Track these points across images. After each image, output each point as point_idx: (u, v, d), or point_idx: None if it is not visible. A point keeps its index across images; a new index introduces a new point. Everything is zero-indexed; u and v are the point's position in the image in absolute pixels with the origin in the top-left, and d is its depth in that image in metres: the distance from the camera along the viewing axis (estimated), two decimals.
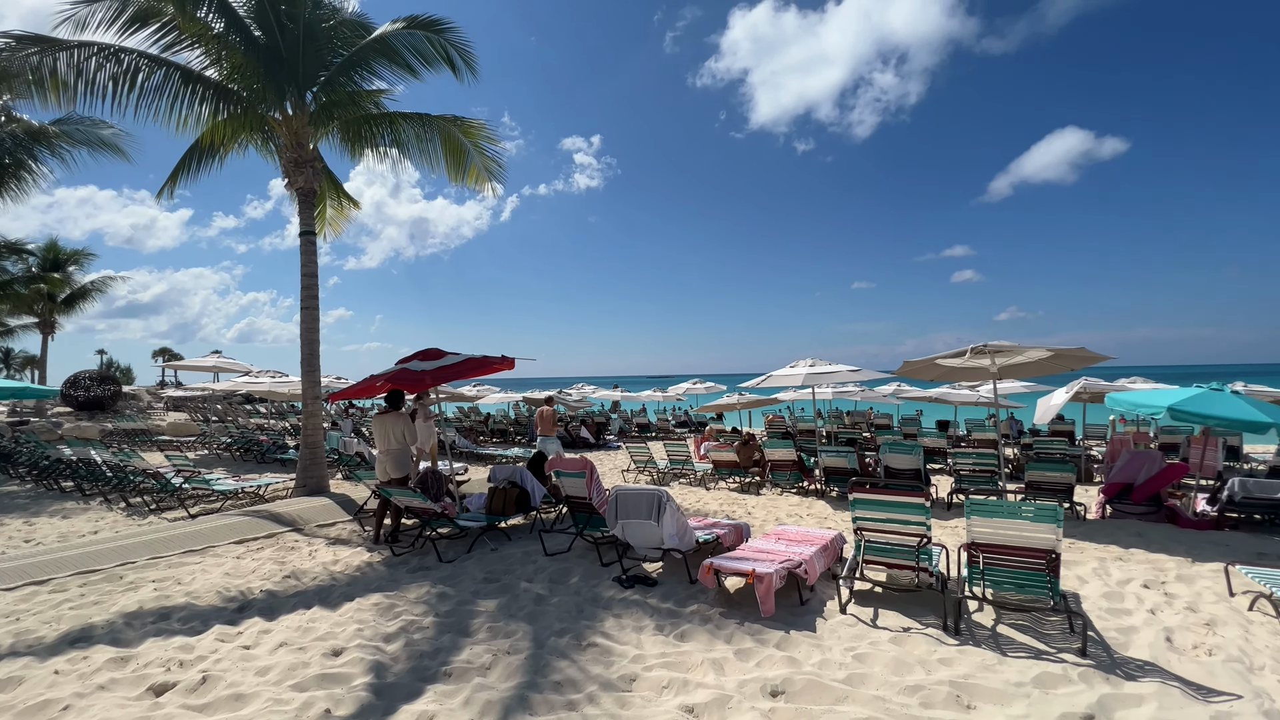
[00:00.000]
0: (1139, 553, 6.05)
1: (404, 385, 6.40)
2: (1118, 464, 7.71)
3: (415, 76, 8.92)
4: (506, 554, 5.94)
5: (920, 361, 7.86)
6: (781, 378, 9.38)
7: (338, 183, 11.22)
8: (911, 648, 3.84)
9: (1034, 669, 3.50)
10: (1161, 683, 3.35)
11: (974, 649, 3.80)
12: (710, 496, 9.40)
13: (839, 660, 3.66)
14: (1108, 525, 7.24)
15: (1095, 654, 3.73)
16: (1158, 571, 5.41)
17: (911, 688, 3.32)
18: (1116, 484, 7.59)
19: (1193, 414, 6.70)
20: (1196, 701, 3.17)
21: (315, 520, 7.36)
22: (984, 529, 4.12)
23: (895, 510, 4.36)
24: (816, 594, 4.80)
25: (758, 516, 7.94)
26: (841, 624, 4.22)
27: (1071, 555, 5.92)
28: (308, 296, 8.86)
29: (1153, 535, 6.72)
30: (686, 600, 4.66)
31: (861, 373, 8.78)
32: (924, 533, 4.29)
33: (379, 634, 4.07)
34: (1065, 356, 7.28)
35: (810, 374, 8.75)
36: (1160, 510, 7.39)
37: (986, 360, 7.49)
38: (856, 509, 4.52)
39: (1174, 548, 6.20)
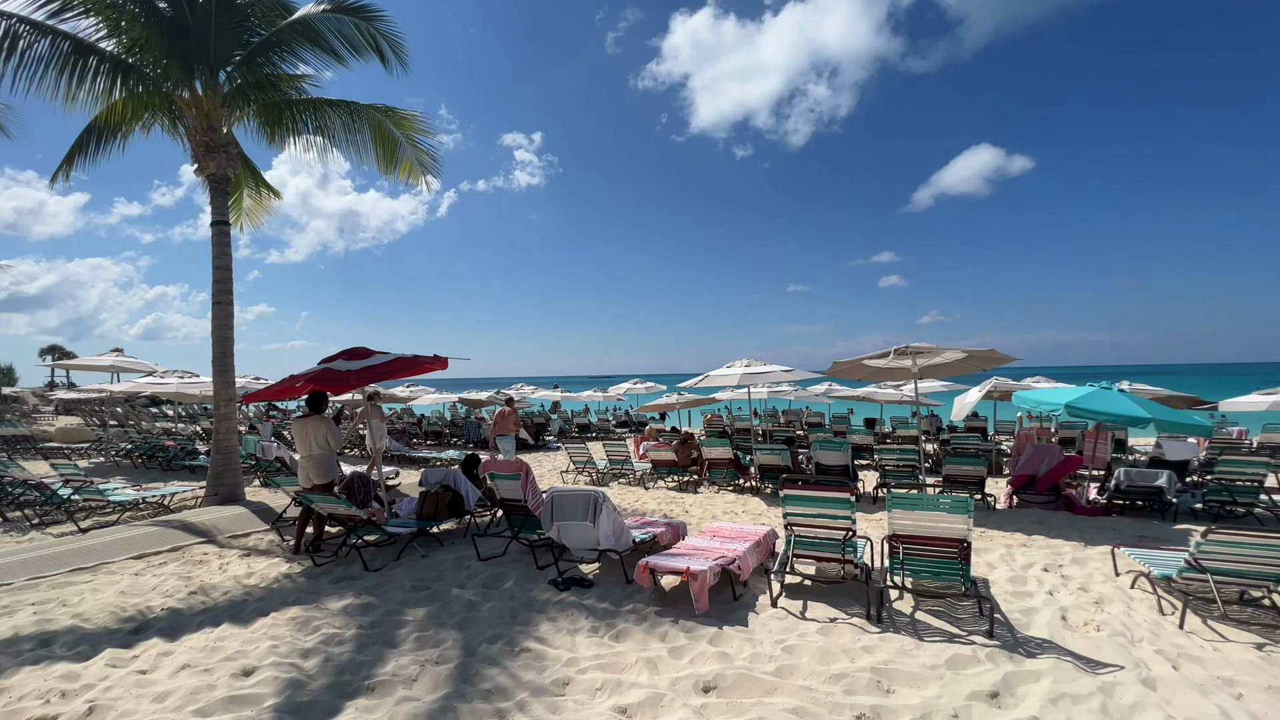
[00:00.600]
0: (1040, 539, 6.54)
1: (327, 386, 6.08)
2: (1023, 458, 8.32)
3: (342, 64, 8.49)
4: (438, 560, 5.74)
5: (848, 362, 8.21)
6: (718, 378, 9.56)
7: (256, 170, 10.52)
8: (837, 638, 3.99)
9: (947, 652, 3.72)
10: (1057, 658, 3.64)
11: (894, 636, 3.99)
12: (649, 496, 9.45)
13: (769, 653, 3.75)
14: (1014, 514, 7.80)
15: (1001, 634, 4.00)
16: (1056, 556, 5.87)
17: (836, 676, 3.45)
18: (1021, 476, 8.19)
19: (1086, 410, 7.33)
20: (1086, 674, 3.46)
21: (228, 531, 6.87)
22: (904, 521, 4.34)
23: (823, 506, 4.53)
24: (750, 589, 4.91)
25: (695, 514, 8.05)
26: (773, 617, 4.33)
27: (982, 543, 6.33)
28: (220, 291, 8.26)
29: (1052, 522, 7.29)
30: (623, 600, 4.66)
31: (794, 373, 9.08)
32: (849, 526, 4.47)
33: (296, 650, 3.83)
34: (977, 357, 7.79)
35: (746, 374, 8.97)
36: (1059, 499, 8.04)
37: (908, 361, 7.92)
38: (787, 505, 4.65)
39: (1070, 533, 6.75)
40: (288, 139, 9.18)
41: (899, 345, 7.46)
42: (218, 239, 8.32)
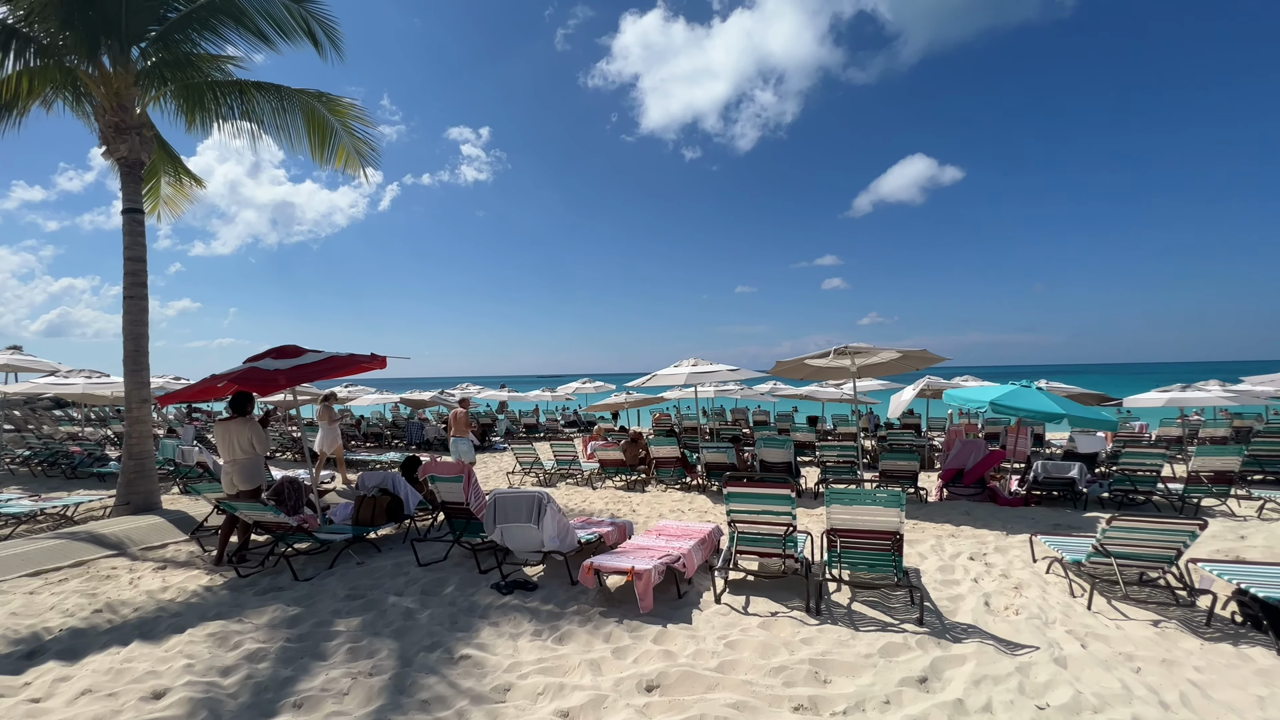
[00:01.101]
0: (967, 529, 6.91)
1: (252, 386, 5.73)
2: (952, 453, 8.77)
3: (271, 47, 8.02)
4: (375, 567, 5.52)
5: (791, 362, 8.42)
6: (666, 377, 9.62)
7: (175, 156, 9.82)
8: (778, 631, 4.08)
9: (881, 640, 3.86)
10: (980, 642, 3.84)
11: (832, 627, 4.12)
12: (596, 496, 9.41)
13: (712, 649, 3.79)
14: (944, 506, 8.21)
15: (930, 622, 4.19)
16: (981, 545, 6.21)
17: (776, 669, 3.52)
18: (951, 470, 8.64)
19: (1008, 407, 7.80)
20: (1006, 656, 3.67)
21: (142, 542, 6.37)
22: (841, 515, 4.48)
23: (765, 502, 4.62)
24: (694, 586, 4.96)
25: (642, 513, 8.07)
26: (716, 614, 4.38)
27: (914, 535, 6.63)
28: (133, 284, 7.65)
29: (978, 513, 7.72)
30: (567, 602, 4.61)
31: (740, 372, 9.24)
32: (790, 522, 4.58)
33: (215, 667, 3.59)
34: (911, 357, 8.15)
35: (693, 373, 9.06)
36: (984, 491, 8.52)
37: (847, 361, 8.20)
38: (730, 503, 4.72)
39: (993, 523, 7.16)
40: (211, 123, 8.59)
41: (839, 345, 7.72)
42: (130, 228, 7.70)
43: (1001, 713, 3.07)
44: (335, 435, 10.70)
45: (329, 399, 11.04)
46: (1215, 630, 4.02)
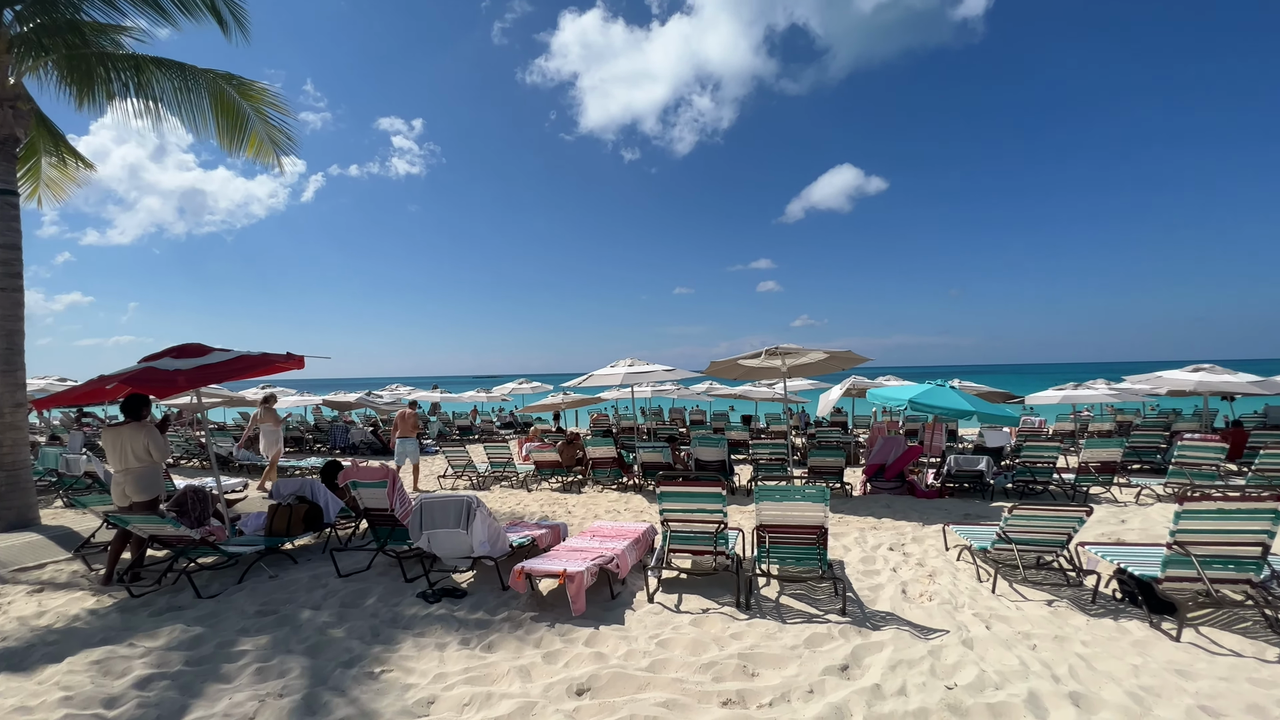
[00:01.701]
0: (888, 521, 7.27)
1: (148, 388, 5.25)
2: (874, 448, 9.22)
3: (169, 21, 7.37)
4: (290, 580, 5.18)
5: (724, 362, 8.59)
6: (602, 377, 9.59)
7: (58, 133, 8.87)
8: (709, 628, 4.14)
9: (806, 632, 3.99)
10: (897, 629, 4.04)
11: (761, 621, 4.22)
12: (532, 498, 9.26)
13: (644, 649, 3.80)
14: (867, 500, 8.61)
15: (852, 611, 4.37)
16: (900, 536, 6.55)
17: (706, 665, 3.57)
18: (873, 465, 9.07)
19: (925, 405, 8.27)
20: (920, 640, 3.87)
21: (14, 563, 5.70)
22: (770, 512, 4.61)
23: (697, 500, 4.67)
24: (628, 587, 4.95)
25: (578, 515, 8.01)
26: (649, 613, 4.39)
27: (839, 528, 6.91)
28: (6, 274, 6.85)
29: (898, 506, 8.14)
30: (498, 608, 4.49)
31: (676, 372, 9.34)
32: (721, 519, 4.66)
33: (98, 698, 3.25)
34: (837, 358, 8.50)
35: (629, 374, 9.08)
36: (904, 485, 9.00)
37: (778, 361, 8.45)
38: (663, 502, 4.75)
39: (911, 515, 7.58)
40: (105, 100, 7.81)
41: (770, 346, 7.95)
42: (2, 211, 6.89)
43: (915, 695, 3.23)
44: (278, 439, 10.15)
45: (269, 400, 10.54)
46: (1099, 607, 4.40)
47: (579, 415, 23.64)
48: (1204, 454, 8.21)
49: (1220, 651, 3.65)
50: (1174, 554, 3.98)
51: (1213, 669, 3.43)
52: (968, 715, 3.05)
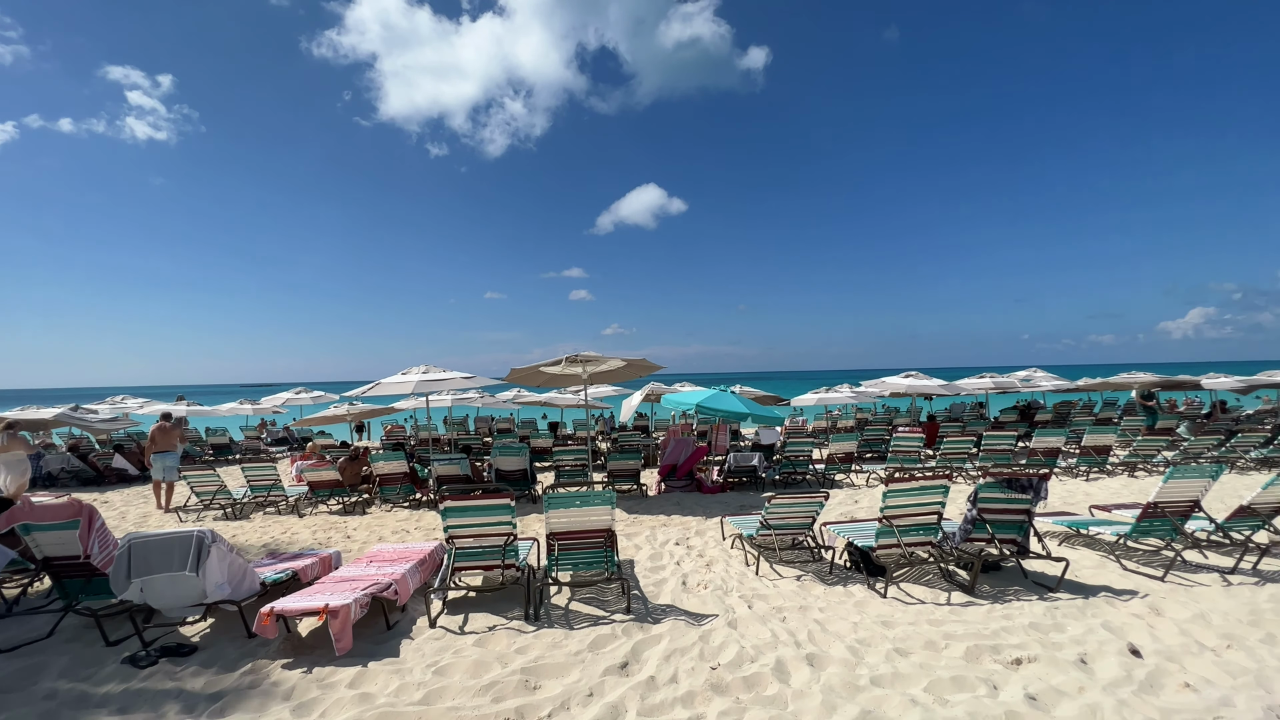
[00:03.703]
0: (677, 517, 7.81)
1: None
2: (667, 450, 9.87)
3: None
4: None
5: (525, 369, 8.48)
6: (392, 385, 8.79)
7: None
8: (494, 645, 3.98)
9: (591, 635, 4.06)
10: (675, 620, 4.32)
11: (549, 631, 4.18)
12: (304, 524, 8.09)
13: (419, 680, 3.50)
14: (661, 499, 9.16)
15: (637, 609, 4.56)
16: (686, 530, 7.07)
17: (487, 686, 3.41)
18: (666, 465, 9.70)
19: (710, 409, 9.09)
20: (694, 627, 4.19)
21: None
22: (560, 519, 4.61)
23: (484, 514, 4.49)
24: (409, 613, 4.56)
25: (359, 539, 7.20)
26: (429, 639, 4.08)
27: (633, 528, 7.23)
28: None
29: (687, 502, 8.80)
30: (239, 660, 3.79)
31: (475, 379, 8.95)
32: (510, 531, 4.54)
33: None
34: (634, 365, 8.94)
35: (422, 381, 8.46)
36: (694, 482, 9.77)
37: (579, 368, 8.60)
38: (448, 518, 4.47)
39: (697, 510, 8.24)
40: None
41: (570, 354, 8.05)
42: None
43: (685, 680, 3.47)
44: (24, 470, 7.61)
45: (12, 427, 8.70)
46: (835, 576, 5.22)
47: (372, 427, 21.45)
48: (909, 443, 10.32)
49: (911, 601, 4.57)
50: (883, 526, 4.90)
51: (905, 616, 4.27)
52: (727, 690, 3.35)
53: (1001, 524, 4.91)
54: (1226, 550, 5.37)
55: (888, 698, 3.21)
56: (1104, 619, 4.11)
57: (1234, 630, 3.88)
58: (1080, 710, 3.05)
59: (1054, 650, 3.67)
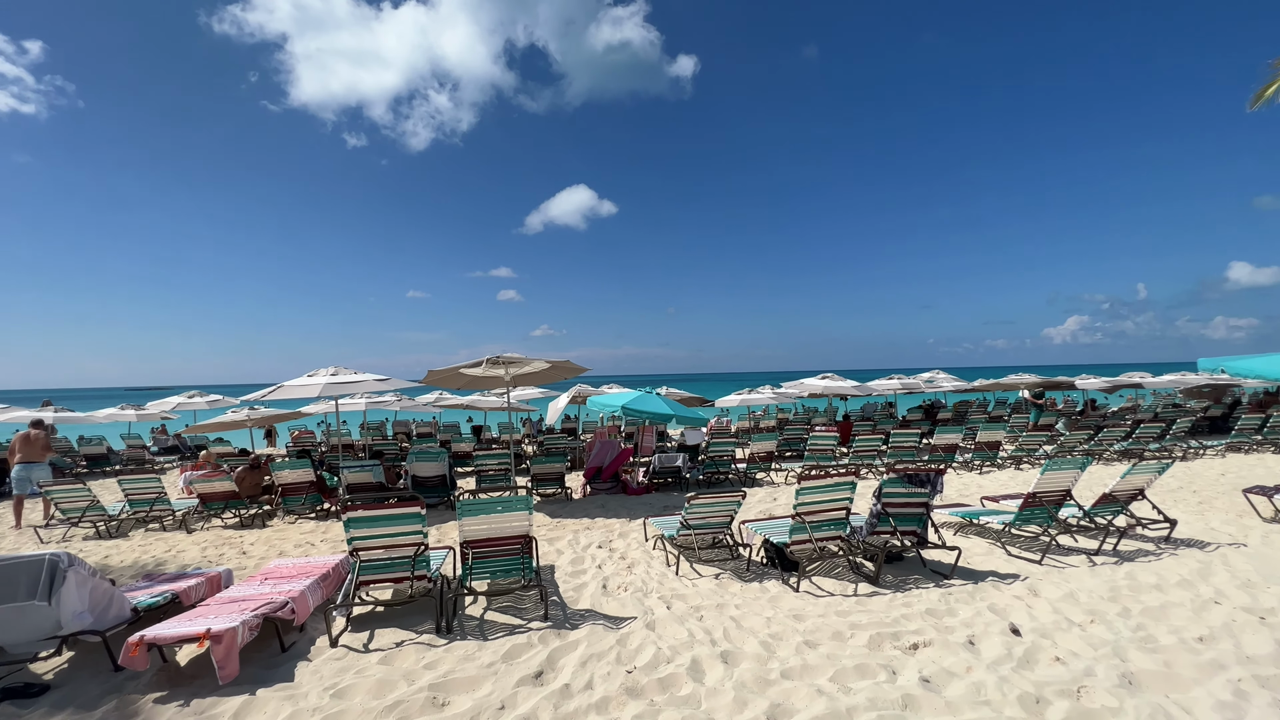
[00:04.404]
0: (601, 520, 7.76)
1: None
2: (593, 452, 9.81)
3: None
4: None
5: (444, 371, 8.16)
6: (296, 389, 8.20)
7: None
8: (401, 662, 3.78)
9: (506, 645, 3.94)
10: (593, 624, 4.27)
11: (461, 643, 4.02)
12: (192, 541, 7.39)
13: (315, 705, 3.26)
14: (586, 502, 9.09)
15: (555, 615, 4.48)
16: (609, 533, 7.03)
17: (391, 706, 3.23)
18: (591, 468, 9.64)
19: (636, 410, 9.11)
20: (612, 631, 4.15)
21: None
22: (474, 527, 4.46)
23: (392, 524, 4.26)
24: (307, 634, 4.25)
25: (257, 554, 6.66)
26: (329, 660, 3.82)
27: (556, 532, 7.11)
28: None
29: (612, 504, 8.77)
30: (102, 697, 3.39)
31: (391, 381, 8.52)
32: (420, 541, 4.33)
33: None
34: (559, 367, 8.82)
35: (331, 384, 7.95)
36: (619, 484, 9.76)
37: (501, 370, 8.37)
38: (351, 529, 4.21)
39: (622, 511, 8.23)
40: None
41: (493, 355, 7.82)
42: None
43: (600, 685, 3.43)
44: None
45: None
46: (752, 573, 5.35)
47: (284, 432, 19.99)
48: (825, 442, 10.80)
49: (822, 594, 4.75)
50: (796, 523, 5.07)
51: (815, 609, 4.43)
52: (642, 693, 3.34)
53: (903, 517, 5.21)
54: (1093, 534, 5.96)
55: (796, 690, 3.31)
56: (990, 602, 4.45)
57: (1097, 606, 4.30)
58: (967, 689, 3.27)
59: (946, 634, 3.92)
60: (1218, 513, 7.04)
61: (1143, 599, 4.41)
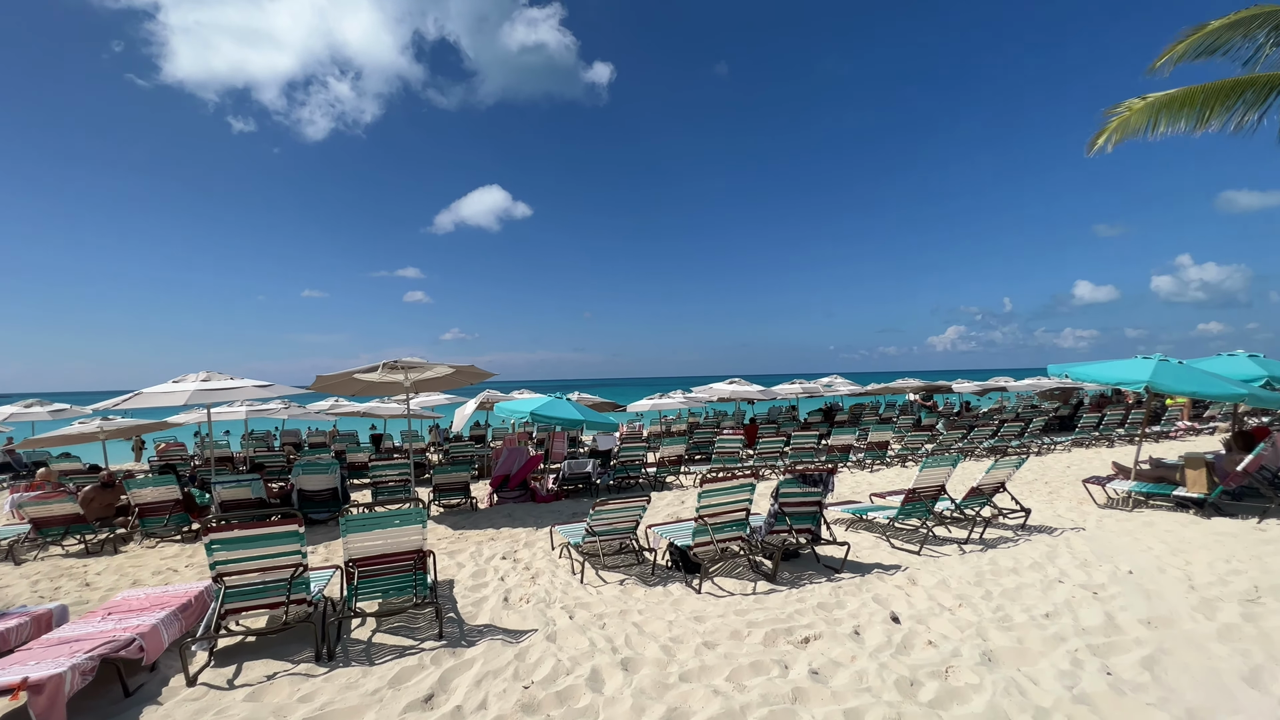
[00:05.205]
0: (507, 530, 7.53)
1: None
2: (500, 460, 9.52)
3: None
4: None
5: (335, 376, 7.61)
6: (158, 396, 7.32)
7: None
8: (271, 697, 3.44)
9: (395, 668, 3.69)
10: (491, 640, 4.10)
11: (344, 670, 3.72)
12: (20, 574, 6.37)
13: None
14: (492, 512, 8.79)
15: (451, 633, 4.26)
16: (515, 543, 6.83)
17: None
18: (499, 476, 9.35)
19: (544, 416, 8.94)
20: (510, 646, 4.01)
21: None
22: (361, 543, 4.15)
23: (264, 544, 3.88)
24: (160, 673, 3.77)
25: (103, 585, 5.86)
26: (184, 702, 3.40)
27: (458, 545, 6.82)
28: None
29: (519, 513, 8.54)
30: None
31: (274, 388, 7.81)
32: (298, 561, 3.98)
33: None
34: (464, 372, 8.49)
35: (201, 391, 7.15)
36: (527, 492, 9.53)
37: (400, 375, 7.93)
38: (215, 552, 3.79)
39: (529, 520, 8.04)
40: None
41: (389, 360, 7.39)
42: None
43: (494, 704, 3.29)
44: None
45: None
46: (657, 578, 5.38)
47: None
48: (731, 444, 11.14)
49: (723, 594, 4.86)
50: (699, 525, 5.17)
51: (716, 610, 4.52)
52: (539, 709, 3.25)
53: (799, 515, 5.45)
54: (963, 525, 6.54)
55: (693, 692, 3.34)
56: (875, 593, 4.75)
57: (965, 591, 4.71)
58: (851, 677, 3.45)
59: (835, 626, 4.13)
60: (1064, 501, 7.97)
61: (1002, 582, 4.88)
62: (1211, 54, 6.86)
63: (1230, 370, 8.10)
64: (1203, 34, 6.72)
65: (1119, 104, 7.45)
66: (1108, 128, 7.39)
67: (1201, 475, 6.74)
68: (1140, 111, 7.11)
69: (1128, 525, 6.56)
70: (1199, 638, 3.77)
